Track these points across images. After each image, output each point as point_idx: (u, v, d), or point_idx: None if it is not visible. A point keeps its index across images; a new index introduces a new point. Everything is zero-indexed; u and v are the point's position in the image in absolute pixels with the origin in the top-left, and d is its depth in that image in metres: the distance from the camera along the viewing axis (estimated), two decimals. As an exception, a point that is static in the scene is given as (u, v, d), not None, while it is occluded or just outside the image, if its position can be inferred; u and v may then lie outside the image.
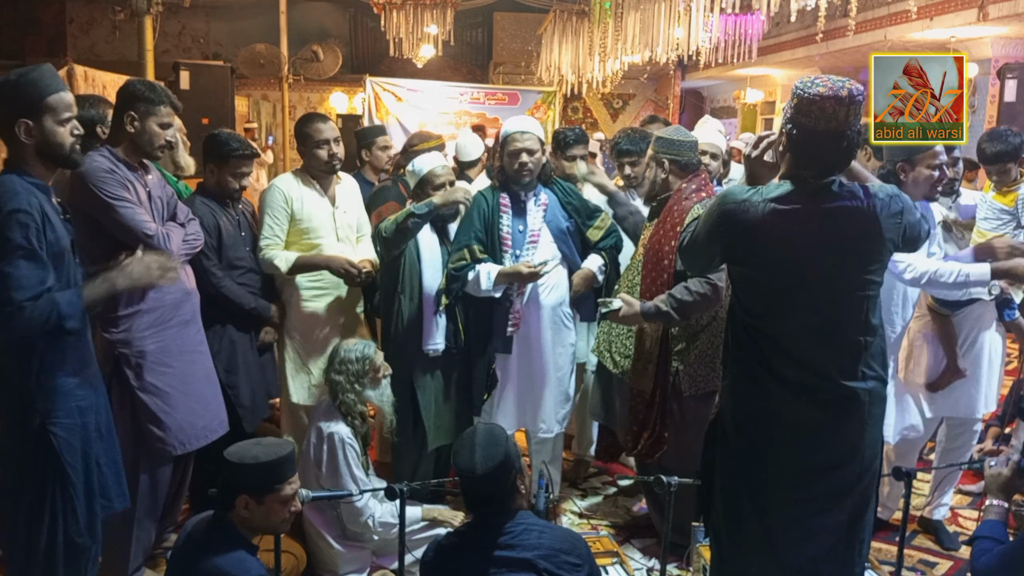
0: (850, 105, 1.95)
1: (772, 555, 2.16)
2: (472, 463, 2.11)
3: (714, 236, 2.14)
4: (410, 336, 3.36)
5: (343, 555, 3.08)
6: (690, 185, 3.10)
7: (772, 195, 2.05)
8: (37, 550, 2.26)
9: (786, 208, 2.03)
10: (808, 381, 2.08)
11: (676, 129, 3.24)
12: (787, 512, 2.14)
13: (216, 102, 5.79)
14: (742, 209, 2.05)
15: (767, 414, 2.12)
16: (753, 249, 2.08)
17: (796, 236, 2.04)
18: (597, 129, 13.45)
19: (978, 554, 2.16)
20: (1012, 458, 2.29)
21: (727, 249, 2.14)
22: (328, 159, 3.45)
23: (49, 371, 2.21)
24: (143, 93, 2.74)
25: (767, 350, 2.09)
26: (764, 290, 2.10)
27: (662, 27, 6.93)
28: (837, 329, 2.08)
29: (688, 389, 3.04)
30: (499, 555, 2.09)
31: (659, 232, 3.11)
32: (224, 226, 3.35)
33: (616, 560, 3.02)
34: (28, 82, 2.18)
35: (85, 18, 13.34)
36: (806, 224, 2.04)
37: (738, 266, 2.17)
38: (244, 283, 3.41)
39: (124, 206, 2.66)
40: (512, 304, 3.33)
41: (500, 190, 3.42)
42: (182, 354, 2.89)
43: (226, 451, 2.19)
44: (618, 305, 2.96)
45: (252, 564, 2.11)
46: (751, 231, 2.05)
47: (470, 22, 13.25)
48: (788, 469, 2.12)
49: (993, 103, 8.00)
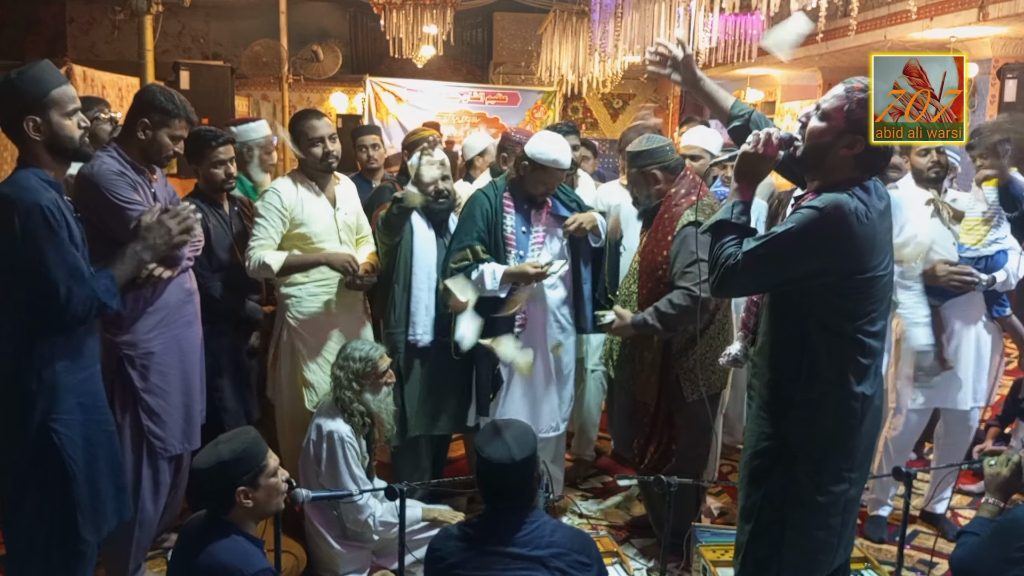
0: None
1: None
2: (509, 452, 2.11)
3: (822, 248, 1.98)
4: (400, 325, 3.38)
5: (343, 555, 3.08)
6: (679, 190, 3.10)
7: (864, 199, 2.00)
8: (37, 548, 2.26)
9: (881, 209, 2.05)
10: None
11: (646, 139, 3.21)
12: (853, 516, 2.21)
13: (216, 102, 5.78)
14: (859, 217, 1.97)
15: (864, 420, 2.10)
16: (867, 255, 2.01)
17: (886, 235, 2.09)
18: (597, 129, 13.46)
19: (958, 546, 2.22)
20: (1012, 458, 2.30)
21: (837, 259, 2.00)
22: (324, 157, 3.32)
23: (51, 368, 2.21)
24: (161, 104, 2.72)
25: (867, 356, 2.06)
26: (871, 295, 2.05)
27: (662, 27, 6.93)
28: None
29: (690, 395, 3.05)
30: (511, 551, 2.09)
31: (652, 241, 3.11)
32: (213, 228, 3.34)
33: (616, 560, 3.02)
34: (29, 78, 2.18)
35: (85, 18, 13.34)
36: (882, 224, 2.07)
37: (843, 277, 2.03)
38: (233, 285, 3.40)
39: (135, 209, 2.64)
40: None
41: (504, 188, 3.40)
42: (184, 355, 2.90)
43: (195, 464, 2.17)
44: (611, 318, 3.04)
45: (257, 557, 2.11)
46: (872, 237, 2.00)
47: (470, 22, 13.23)
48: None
49: (993, 103, 7.99)
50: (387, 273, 3.42)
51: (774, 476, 2.10)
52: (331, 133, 3.36)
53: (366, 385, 3.07)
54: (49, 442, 2.22)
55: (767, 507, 2.11)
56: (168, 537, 3.22)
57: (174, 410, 2.86)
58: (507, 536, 2.10)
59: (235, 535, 2.13)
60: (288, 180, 3.39)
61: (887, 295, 2.10)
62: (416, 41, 9.80)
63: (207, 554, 2.08)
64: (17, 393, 2.21)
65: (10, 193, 2.13)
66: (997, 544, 2.10)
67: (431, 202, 3.34)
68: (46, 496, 2.24)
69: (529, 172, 3.29)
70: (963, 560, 2.19)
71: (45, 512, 2.25)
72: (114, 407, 2.69)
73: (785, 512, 2.10)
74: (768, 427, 2.12)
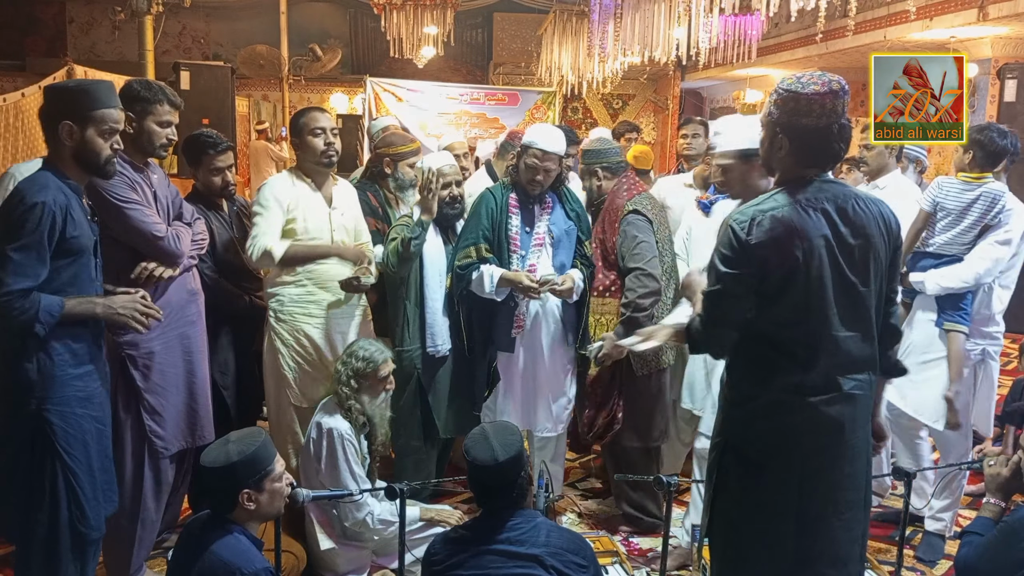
0: (844, 97, 1.99)
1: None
2: (492, 453, 2.15)
3: (741, 263, 1.96)
4: (415, 342, 3.40)
5: (343, 555, 3.08)
6: (621, 185, 3.49)
7: (804, 197, 1.98)
8: (36, 538, 2.30)
9: (825, 208, 1.99)
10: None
11: (599, 139, 3.65)
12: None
13: (216, 102, 5.79)
14: (790, 219, 1.95)
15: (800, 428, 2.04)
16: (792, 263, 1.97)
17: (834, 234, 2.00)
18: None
19: (962, 546, 2.21)
20: (1012, 459, 2.30)
21: (760, 266, 1.97)
22: (325, 148, 3.24)
23: (50, 359, 2.28)
24: (139, 93, 2.73)
25: (795, 360, 2.02)
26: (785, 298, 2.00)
27: (662, 27, 6.93)
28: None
29: (639, 370, 3.35)
30: (508, 549, 2.10)
31: (600, 230, 3.48)
32: (215, 228, 3.34)
33: (616, 560, 3.02)
34: (83, 91, 2.34)
35: (85, 18, 13.35)
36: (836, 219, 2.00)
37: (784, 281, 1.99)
38: (238, 285, 3.41)
39: (133, 208, 2.65)
40: (517, 307, 3.35)
41: (510, 189, 3.42)
42: (186, 354, 2.89)
43: (203, 460, 2.18)
44: (597, 346, 3.21)
45: (256, 557, 2.11)
46: (788, 238, 1.95)
47: (470, 22, 13.25)
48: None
49: (993, 103, 7.99)
50: (393, 291, 3.42)
51: (718, 474, 2.11)
52: (333, 127, 3.32)
53: (364, 385, 3.06)
54: (42, 430, 2.28)
55: (715, 503, 2.13)
56: (169, 537, 3.22)
57: (176, 409, 2.86)
58: (502, 535, 2.13)
59: (238, 533, 2.13)
60: (284, 175, 3.36)
61: (828, 303, 1.98)
62: (416, 41, 9.81)
63: (208, 551, 2.08)
64: (15, 379, 2.27)
65: (24, 188, 2.26)
66: (1004, 544, 2.09)
67: (444, 206, 3.40)
68: (44, 486, 2.29)
69: (522, 159, 3.36)
70: (969, 560, 2.18)
71: (43, 502, 2.29)
72: (116, 406, 2.70)
73: (728, 511, 2.11)
74: (718, 426, 2.17)
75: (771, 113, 2.04)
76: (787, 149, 2.02)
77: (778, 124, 2.02)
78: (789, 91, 1.99)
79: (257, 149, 11.43)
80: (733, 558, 2.13)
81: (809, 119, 1.97)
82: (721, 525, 2.13)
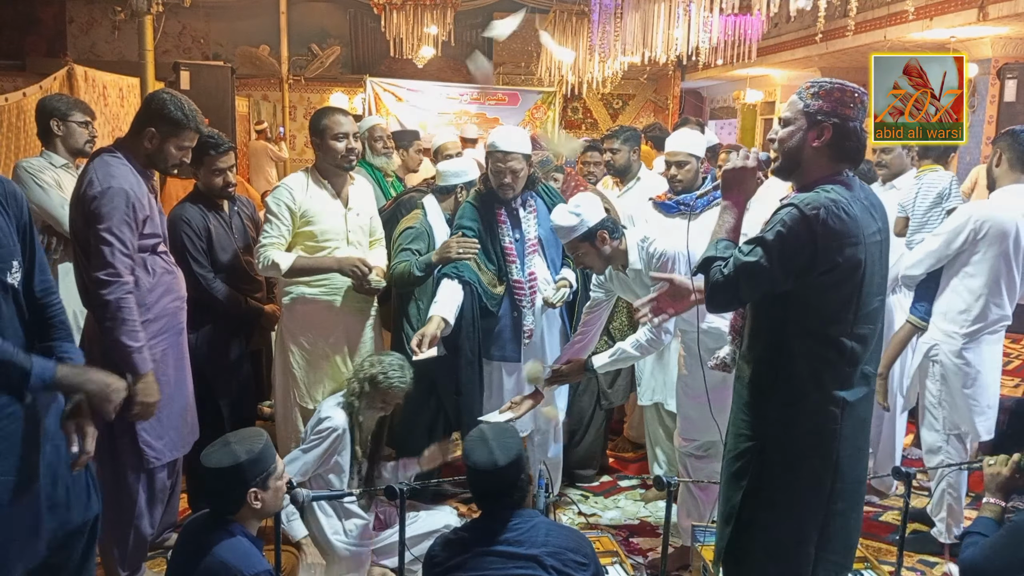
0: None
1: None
2: (491, 457, 2.14)
3: (800, 248, 1.93)
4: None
5: (343, 554, 3.08)
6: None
7: (843, 193, 1.96)
8: None
9: (865, 204, 2.01)
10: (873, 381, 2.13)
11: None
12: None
13: (216, 102, 5.77)
14: (836, 210, 1.93)
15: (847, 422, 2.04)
16: (847, 250, 1.96)
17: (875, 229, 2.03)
18: (597, 129, 13.46)
19: (966, 547, 2.20)
20: (1012, 458, 2.30)
21: (820, 256, 1.94)
22: (345, 152, 3.23)
23: None
24: (171, 114, 2.66)
25: (847, 360, 2.01)
26: (850, 294, 2.00)
27: (662, 27, 6.94)
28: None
29: None
30: (507, 550, 2.10)
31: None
32: (214, 229, 3.34)
33: (616, 560, 3.02)
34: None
35: (85, 18, 13.35)
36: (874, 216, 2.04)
37: (825, 274, 1.97)
38: (234, 286, 3.40)
39: (112, 245, 2.54)
40: (523, 317, 3.35)
41: (492, 200, 3.37)
42: (176, 361, 2.85)
43: (208, 463, 2.12)
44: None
45: (257, 558, 2.11)
46: (850, 233, 1.94)
47: (470, 22, 13.24)
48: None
49: (993, 103, 8.00)
50: (405, 293, 3.41)
51: (751, 478, 2.08)
52: (355, 131, 3.30)
53: (369, 393, 3.04)
54: None
55: (744, 509, 2.09)
56: (168, 537, 3.22)
57: (168, 420, 2.81)
58: (501, 536, 2.12)
59: (240, 534, 2.13)
60: (301, 176, 3.32)
61: (873, 299, 2.03)
62: (416, 41, 9.82)
63: (210, 552, 2.07)
64: None
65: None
66: (1010, 545, 2.09)
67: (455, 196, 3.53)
68: None
69: (488, 164, 3.35)
70: (974, 560, 2.16)
71: None
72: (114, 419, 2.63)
73: (758, 514, 2.08)
74: (747, 428, 2.11)
75: (809, 105, 2.01)
76: (827, 140, 1.99)
77: (821, 114, 1.98)
78: (833, 83, 2.00)
79: (256, 149, 11.42)
80: (761, 559, 2.10)
81: (852, 111, 1.98)
82: (749, 528, 2.09)
